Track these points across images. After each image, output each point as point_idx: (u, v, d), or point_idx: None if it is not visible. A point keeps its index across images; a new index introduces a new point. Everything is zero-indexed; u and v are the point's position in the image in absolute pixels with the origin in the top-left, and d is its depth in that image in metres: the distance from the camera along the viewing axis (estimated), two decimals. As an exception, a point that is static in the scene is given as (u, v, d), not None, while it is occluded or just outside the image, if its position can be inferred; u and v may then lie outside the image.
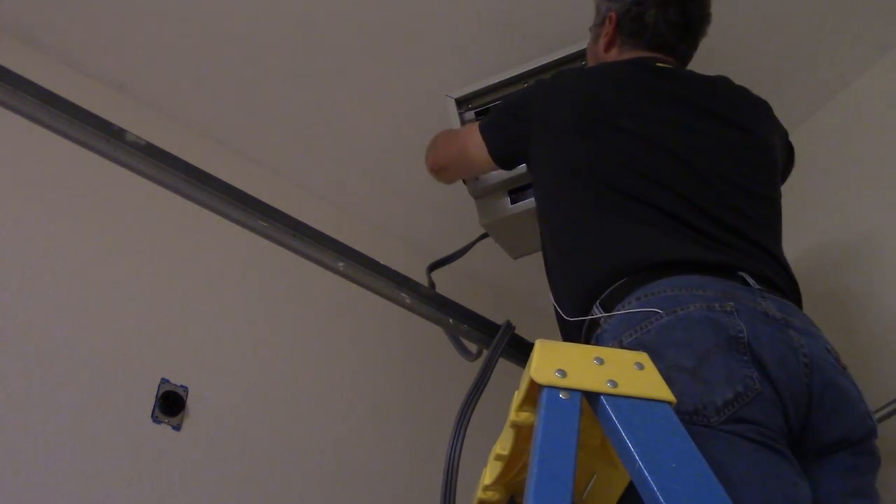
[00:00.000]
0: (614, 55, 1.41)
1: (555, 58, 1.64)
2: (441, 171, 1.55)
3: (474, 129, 1.44)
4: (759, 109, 1.35)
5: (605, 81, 1.29)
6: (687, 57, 1.43)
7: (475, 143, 1.42)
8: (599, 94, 1.27)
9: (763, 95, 1.39)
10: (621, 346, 0.99)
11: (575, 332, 1.13)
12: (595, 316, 1.08)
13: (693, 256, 1.07)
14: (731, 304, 0.99)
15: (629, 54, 1.38)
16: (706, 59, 1.48)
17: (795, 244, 1.91)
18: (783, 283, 1.13)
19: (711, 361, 0.94)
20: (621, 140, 1.21)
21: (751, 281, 1.06)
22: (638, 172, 1.16)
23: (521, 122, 1.35)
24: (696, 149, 1.21)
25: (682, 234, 1.11)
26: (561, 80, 1.35)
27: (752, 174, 1.23)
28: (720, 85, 1.36)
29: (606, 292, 1.08)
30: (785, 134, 1.40)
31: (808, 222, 1.95)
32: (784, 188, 1.35)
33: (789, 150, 1.43)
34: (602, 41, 1.43)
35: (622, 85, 1.28)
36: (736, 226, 1.14)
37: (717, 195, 1.16)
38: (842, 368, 1.04)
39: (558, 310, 1.20)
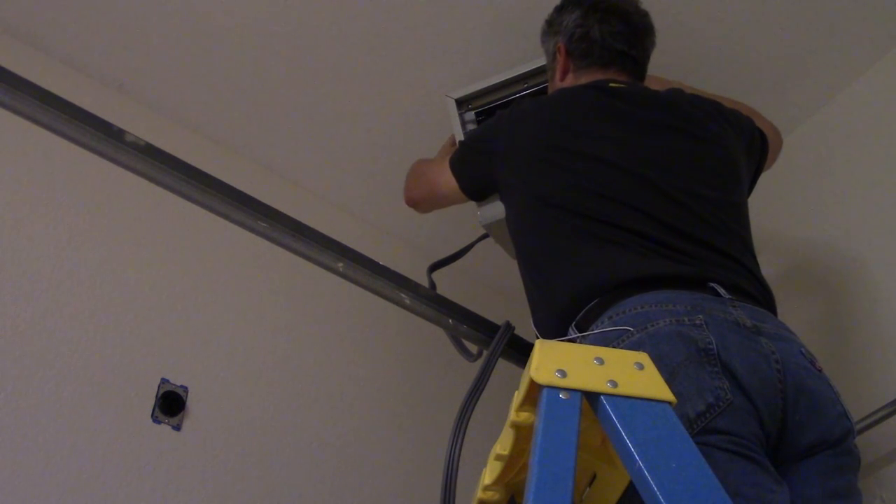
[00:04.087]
0: (570, 81, 1.44)
1: (555, 58, 1.63)
2: (416, 205, 1.62)
3: (445, 166, 1.48)
4: (713, 114, 1.36)
5: (562, 108, 1.32)
6: (640, 67, 1.44)
7: (446, 181, 1.47)
8: (557, 122, 1.29)
9: (762, 96, 1.39)
10: None
11: None
12: (571, 337, 1.10)
13: (662, 272, 1.09)
14: (701, 316, 1.00)
15: (584, 78, 1.41)
16: (704, 61, 1.48)
17: (794, 246, 1.92)
18: (755, 291, 1.14)
19: (682, 375, 0.95)
20: (582, 165, 1.23)
21: (721, 291, 1.07)
22: (601, 195, 1.18)
23: (485, 157, 1.39)
24: (657, 165, 1.22)
25: (650, 250, 1.12)
26: (520, 111, 1.37)
27: (715, 183, 1.24)
28: (674, 97, 1.37)
29: (580, 314, 1.10)
30: (748, 122, 1.40)
31: (806, 225, 1.95)
32: (778, 191, 1.35)
33: (760, 135, 1.42)
34: (557, 74, 1.47)
35: (579, 110, 1.30)
36: (703, 237, 1.15)
37: (682, 209, 1.17)
38: (817, 371, 1.05)
39: (538, 335, 1.22)
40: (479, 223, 1.64)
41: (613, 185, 1.19)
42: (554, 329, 1.15)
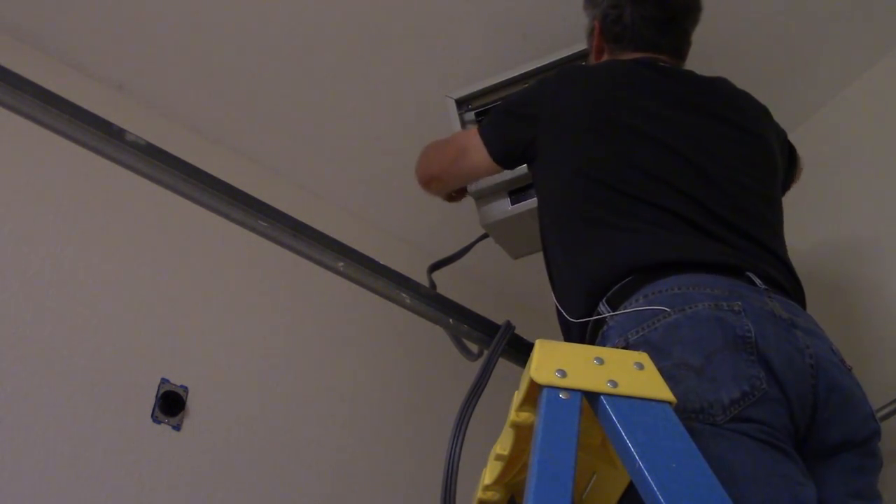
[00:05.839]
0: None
1: (555, 58, 1.64)
2: (432, 181, 1.52)
3: (473, 132, 1.42)
4: (759, 112, 1.36)
5: (614, 79, 1.29)
6: (678, 51, 1.40)
7: (475, 147, 1.40)
8: (609, 93, 1.26)
9: (763, 95, 1.39)
10: (627, 344, 0.99)
11: (579, 331, 1.13)
12: (601, 315, 1.08)
13: (700, 256, 1.07)
14: (739, 303, 0.99)
15: (622, 58, 1.38)
16: (706, 60, 1.48)
17: (796, 244, 1.91)
18: (788, 284, 1.13)
19: (718, 360, 0.94)
20: (631, 139, 1.21)
21: (757, 281, 1.06)
22: (647, 173, 1.17)
23: (525, 121, 1.33)
24: (703, 149, 1.21)
25: (689, 234, 1.11)
26: (568, 77, 1.34)
27: (756, 174, 1.24)
28: (722, 86, 1.36)
29: (613, 290, 1.08)
30: (783, 134, 1.41)
31: (809, 222, 1.95)
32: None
33: (790, 150, 1.43)
34: (593, 51, 1.45)
35: (630, 83, 1.28)
36: (742, 226, 1.14)
37: (724, 196, 1.16)
38: (846, 369, 1.04)
39: (561, 311, 1.19)
40: (479, 223, 1.65)
41: (660, 164, 1.17)
42: (581, 305, 1.12)
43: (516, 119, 1.36)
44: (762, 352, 0.95)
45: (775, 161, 1.31)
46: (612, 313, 1.06)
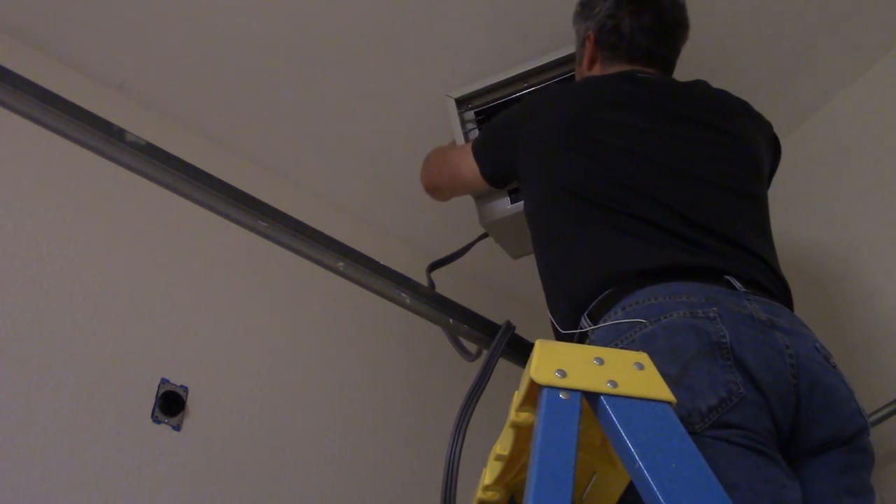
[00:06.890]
0: (597, 71, 1.43)
1: (555, 57, 1.64)
2: (436, 191, 1.61)
3: (467, 150, 1.48)
4: (737, 110, 1.36)
5: (588, 97, 1.31)
6: (668, 63, 1.43)
7: (468, 166, 1.47)
8: (582, 111, 1.28)
9: (763, 96, 1.40)
10: None
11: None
12: (583, 329, 1.09)
13: (677, 263, 1.08)
14: (715, 309, 1.00)
15: (611, 69, 1.40)
16: (706, 60, 1.48)
17: (791, 246, 1.92)
18: (771, 285, 1.13)
19: (695, 368, 0.94)
20: (604, 154, 1.22)
21: (737, 284, 1.06)
22: (620, 184, 1.18)
23: (507, 144, 1.38)
24: (678, 155, 1.22)
25: (665, 241, 1.12)
26: (545, 98, 1.37)
27: (736, 175, 1.24)
28: (699, 89, 1.37)
29: (593, 304, 1.09)
30: (768, 126, 1.41)
31: (803, 224, 1.95)
32: (779, 190, 1.35)
33: (774, 141, 1.43)
34: (585, 61, 1.45)
35: (605, 99, 1.29)
36: (720, 230, 1.15)
37: (701, 200, 1.17)
38: (831, 367, 1.04)
39: (554, 324, 1.21)
40: (479, 223, 1.65)
41: (632, 174, 1.19)
42: (568, 319, 1.14)
43: (501, 140, 1.41)
44: (739, 356, 0.96)
45: (757, 157, 1.30)
46: (592, 327, 1.07)
